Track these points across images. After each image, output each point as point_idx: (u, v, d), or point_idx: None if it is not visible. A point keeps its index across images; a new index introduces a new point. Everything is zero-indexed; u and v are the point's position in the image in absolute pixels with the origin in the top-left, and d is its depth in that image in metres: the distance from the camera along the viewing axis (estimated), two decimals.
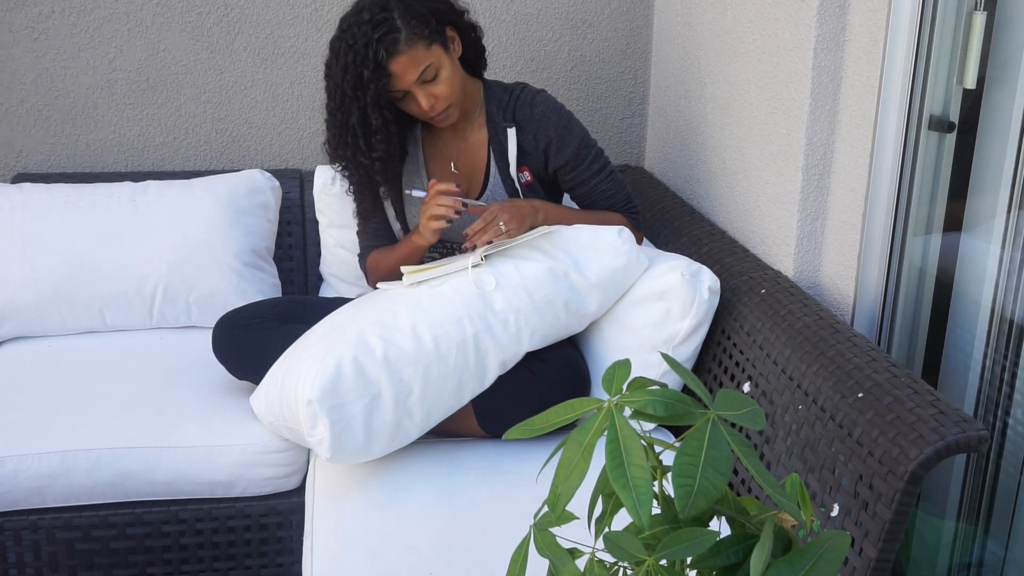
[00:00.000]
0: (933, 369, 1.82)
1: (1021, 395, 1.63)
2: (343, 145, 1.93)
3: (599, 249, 1.84)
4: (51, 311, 2.19)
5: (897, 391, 1.41)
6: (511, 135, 1.99)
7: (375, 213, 2.07)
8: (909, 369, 1.64)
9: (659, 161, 2.67)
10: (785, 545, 0.82)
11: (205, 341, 2.11)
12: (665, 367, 1.81)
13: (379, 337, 1.68)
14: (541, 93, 2.03)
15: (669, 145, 2.57)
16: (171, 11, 2.47)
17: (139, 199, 2.29)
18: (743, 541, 0.81)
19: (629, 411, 0.82)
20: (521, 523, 1.51)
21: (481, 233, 1.86)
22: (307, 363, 1.67)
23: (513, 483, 1.68)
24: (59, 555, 1.82)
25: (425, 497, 1.64)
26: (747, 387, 1.72)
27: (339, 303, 2.02)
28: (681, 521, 0.81)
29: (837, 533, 0.80)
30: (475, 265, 1.79)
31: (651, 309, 1.83)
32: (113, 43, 2.48)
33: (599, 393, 1.87)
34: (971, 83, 1.66)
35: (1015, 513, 1.66)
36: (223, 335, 1.96)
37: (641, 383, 0.84)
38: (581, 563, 0.84)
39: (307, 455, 1.89)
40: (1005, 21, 1.61)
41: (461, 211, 1.90)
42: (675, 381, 1.81)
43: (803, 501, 0.88)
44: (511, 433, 0.86)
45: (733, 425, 1.31)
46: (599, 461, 0.78)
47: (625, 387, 0.84)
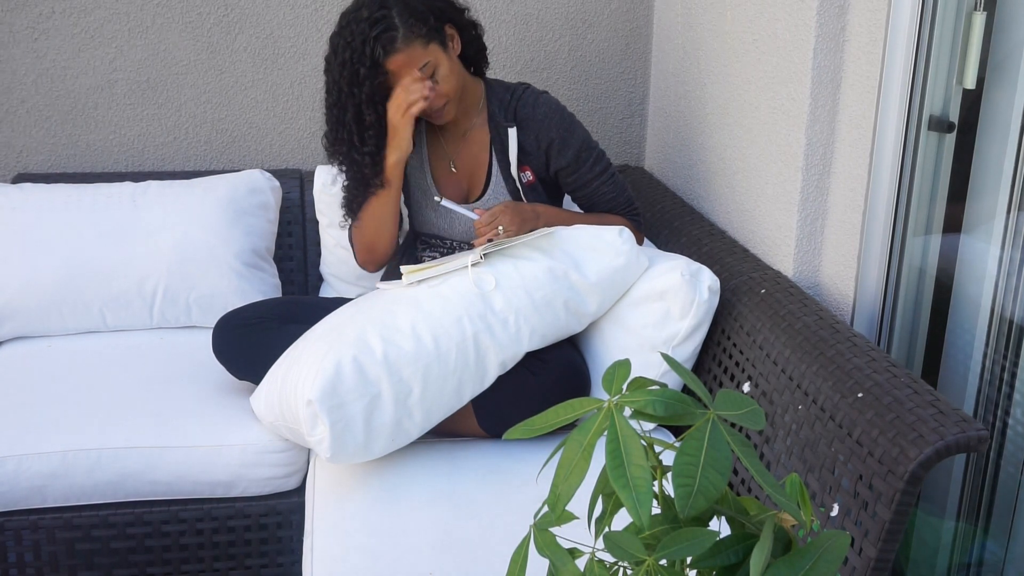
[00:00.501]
0: (933, 369, 1.82)
1: (1021, 395, 1.63)
2: (339, 140, 1.96)
3: (599, 249, 1.84)
4: (51, 311, 2.19)
5: (897, 391, 1.41)
6: (512, 134, 2.00)
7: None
8: (909, 369, 1.64)
9: (659, 161, 2.67)
10: (785, 545, 0.83)
11: (205, 341, 2.11)
12: (665, 367, 1.81)
13: (379, 337, 1.68)
14: (544, 94, 2.03)
15: (669, 145, 2.57)
16: (171, 11, 2.47)
17: (139, 199, 2.29)
18: (743, 541, 0.81)
19: (629, 411, 0.82)
20: (521, 523, 1.51)
21: (483, 230, 1.88)
22: (307, 363, 1.67)
23: (513, 483, 1.68)
24: (59, 555, 1.82)
25: (425, 497, 1.64)
26: (747, 387, 1.72)
27: (339, 303, 2.02)
28: (681, 521, 0.81)
29: (837, 533, 0.80)
30: (475, 264, 1.79)
31: (651, 309, 1.83)
32: (113, 43, 2.48)
33: (599, 393, 1.87)
34: (971, 83, 1.66)
35: (1015, 513, 1.66)
36: (223, 335, 1.96)
37: (641, 383, 0.84)
38: (581, 563, 0.84)
39: (307, 455, 1.89)
40: (1005, 21, 1.61)
41: (429, 96, 1.88)
42: (675, 381, 1.81)
43: (803, 501, 0.88)
44: (511, 433, 0.87)
45: (733, 425, 1.31)
46: (599, 461, 0.78)
47: (625, 387, 0.84)
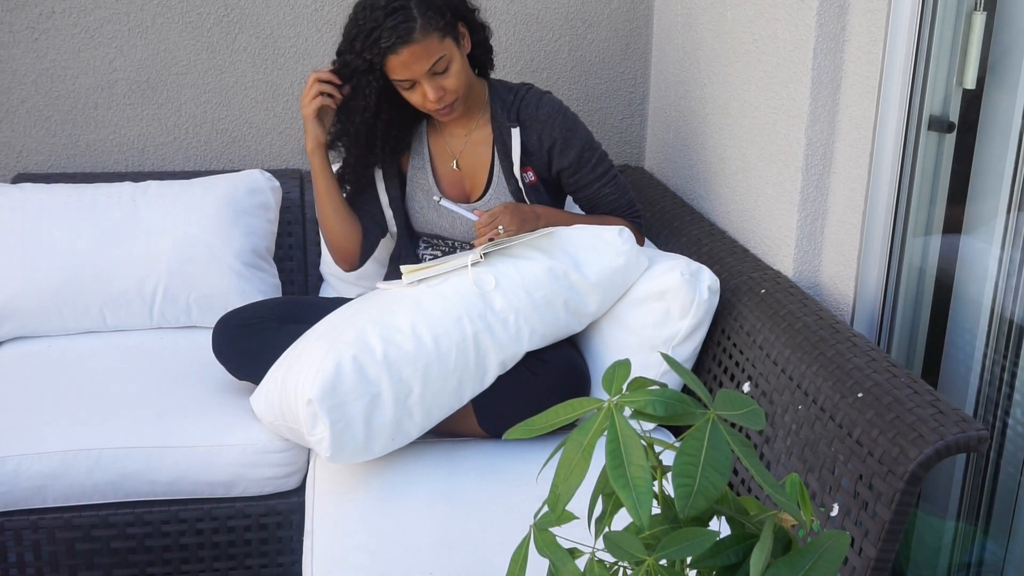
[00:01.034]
0: (933, 369, 1.82)
1: (1021, 395, 1.63)
2: (342, 131, 2.00)
3: (599, 249, 1.84)
4: (51, 311, 2.19)
5: (897, 391, 1.41)
6: (515, 134, 2.00)
7: (358, 199, 2.10)
8: (909, 369, 1.64)
9: (659, 161, 2.67)
10: (785, 545, 0.83)
11: (205, 341, 2.11)
12: (665, 367, 1.81)
13: (379, 336, 1.68)
14: (547, 95, 2.03)
15: (669, 145, 2.57)
16: (171, 11, 2.47)
17: (139, 199, 2.29)
18: (743, 541, 0.81)
19: (629, 411, 0.82)
20: (521, 523, 1.51)
21: (483, 230, 1.88)
22: (307, 363, 1.67)
23: (513, 483, 1.68)
24: (59, 555, 1.82)
25: (425, 497, 1.64)
26: (747, 387, 1.72)
27: (339, 303, 2.02)
28: (681, 521, 0.81)
29: (837, 533, 0.80)
30: (475, 263, 1.79)
31: (651, 309, 1.83)
32: (113, 43, 2.48)
33: (599, 393, 1.87)
34: (971, 83, 1.66)
35: (1015, 513, 1.66)
36: (223, 335, 1.96)
37: (641, 383, 0.84)
38: (581, 563, 0.84)
39: (307, 455, 1.89)
40: (1005, 21, 1.61)
41: (336, 95, 1.94)
42: (675, 381, 1.81)
43: (803, 501, 0.88)
44: (511, 433, 0.87)
45: (733, 425, 1.31)
46: (599, 461, 0.78)
47: (625, 387, 0.84)
